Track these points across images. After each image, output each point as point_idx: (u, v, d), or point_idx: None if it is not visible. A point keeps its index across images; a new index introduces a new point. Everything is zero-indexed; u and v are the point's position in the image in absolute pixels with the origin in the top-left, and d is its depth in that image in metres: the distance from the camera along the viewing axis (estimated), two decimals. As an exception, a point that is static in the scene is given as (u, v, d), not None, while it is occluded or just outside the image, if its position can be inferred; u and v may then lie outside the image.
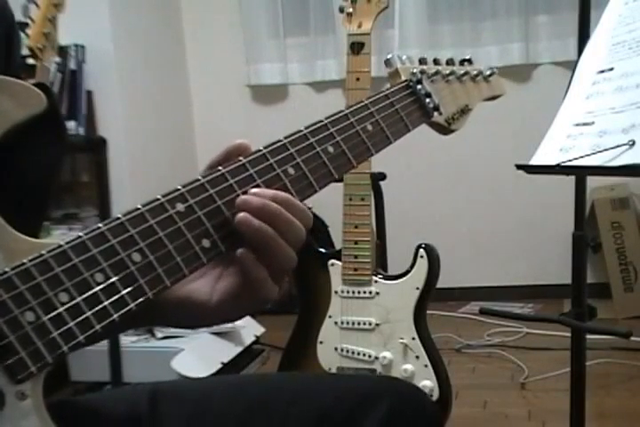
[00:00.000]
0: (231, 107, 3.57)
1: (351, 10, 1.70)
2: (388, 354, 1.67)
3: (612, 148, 0.89)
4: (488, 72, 0.95)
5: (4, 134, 0.59)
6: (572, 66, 1.12)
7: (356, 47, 1.69)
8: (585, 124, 0.99)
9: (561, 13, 3.20)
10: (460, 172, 3.40)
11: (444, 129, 0.88)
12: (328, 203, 1.41)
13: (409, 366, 1.65)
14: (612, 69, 1.02)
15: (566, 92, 1.08)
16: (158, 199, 0.61)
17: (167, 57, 3.47)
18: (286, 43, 3.45)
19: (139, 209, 0.60)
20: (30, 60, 1.76)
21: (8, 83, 0.60)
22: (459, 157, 3.33)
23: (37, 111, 0.60)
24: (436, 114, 0.85)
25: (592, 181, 1.95)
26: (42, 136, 0.67)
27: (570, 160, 0.94)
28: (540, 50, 3.27)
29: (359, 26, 1.69)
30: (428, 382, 1.63)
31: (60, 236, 2.45)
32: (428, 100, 0.84)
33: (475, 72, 0.93)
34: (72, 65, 2.66)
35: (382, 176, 1.99)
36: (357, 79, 1.67)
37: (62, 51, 2.53)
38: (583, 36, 1.40)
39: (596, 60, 1.06)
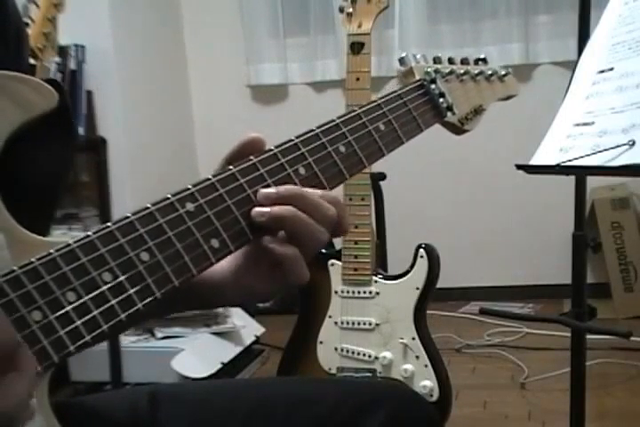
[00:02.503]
0: (231, 107, 3.57)
1: (351, 10, 1.70)
2: (388, 354, 1.67)
3: (612, 148, 0.89)
4: (503, 72, 0.94)
5: (17, 129, 0.59)
6: (572, 66, 1.12)
7: (356, 47, 1.69)
8: (585, 124, 0.99)
9: (561, 13, 3.20)
10: (460, 172, 3.40)
11: (458, 129, 0.87)
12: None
13: (409, 366, 1.65)
14: (612, 69, 1.02)
15: (566, 92, 1.08)
16: (168, 198, 0.61)
17: (167, 57, 3.47)
18: (286, 43, 3.45)
19: (148, 208, 0.60)
20: (30, 60, 1.76)
21: (22, 78, 0.60)
22: (459, 157, 3.33)
23: (50, 107, 0.60)
24: (449, 114, 0.85)
25: (592, 181, 1.95)
26: (52, 133, 0.67)
27: (570, 160, 0.94)
28: (539, 50, 3.27)
29: (359, 26, 1.69)
30: (428, 382, 1.63)
31: (59, 236, 2.45)
32: (441, 99, 0.84)
33: (489, 72, 0.92)
34: (72, 65, 2.66)
35: (382, 176, 1.99)
36: (357, 79, 1.67)
37: (62, 51, 2.53)
38: (583, 36, 1.40)
39: (596, 60, 1.06)
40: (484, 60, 0.93)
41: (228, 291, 0.68)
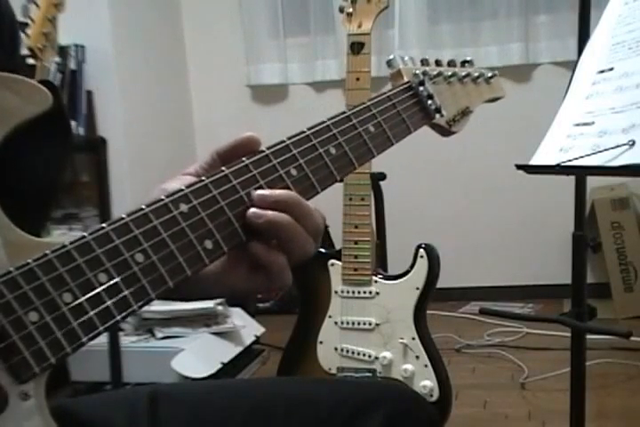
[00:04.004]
0: (231, 107, 3.57)
1: (351, 10, 1.70)
2: (388, 354, 1.67)
3: (612, 148, 0.89)
4: (489, 74, 0.94)
5: (10, 132, 0.59)
6: (572, 66, 1.12)
7: (356, 47, 1.69)
8: (585, 124, 0.99)
9: (561, 13, 3.20)
10: (460, 172, 3.40)
11: (445, 131, 0.88)
12: (328, 203, 1.41)
13: (409, 366, 1.65)
14: (611, 69, 1.02)
15: (566, 92, 1.08)
16: (162, 200, 0.61)
17: (167, 57, 3.47)
18: (286, 43, 3.45)
19: (143, 209, 0.60)
20: (30, 60, 1.76)
21: (14, 80, 0.60)
22: (459, 157, 3.33)
23: (43, 109, 0.60)
24: (437, 116, 0.85)
25: (592, 181, 1.95)
26: (47, 135, 0.67)
27: (570, 160, 0.94)
28: (539, 50, 3.27)
29: (359, 26, 1.69)
30: (428, 382, 1.63)
31: (59, 236, 2.45)
32: (430, 101, 0.84)
33: (476, 74, 0.92)
34: (72, 65, 2.66)
35: (382, 176, 1.99)
36: (357, 79, 1.67)
37: (62, 51, 2.54)
38: (583, 36, 1.40)
39: (596, 60, 1.06)
40: (470, 62, 0.94)
41: (210, 286, 0.68)
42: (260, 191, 0.65)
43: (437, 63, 0.90)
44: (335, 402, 0.82)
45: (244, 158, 0.66)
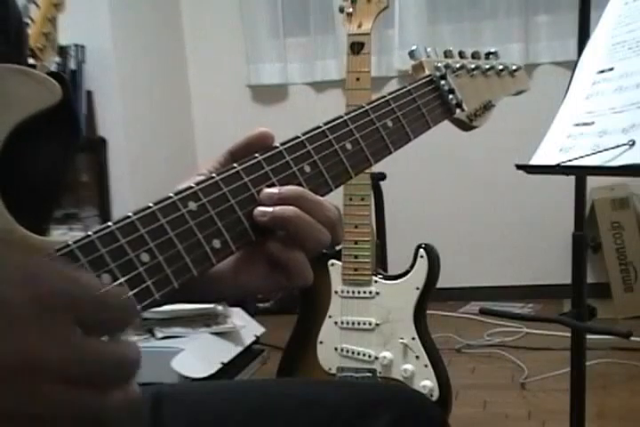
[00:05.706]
0: (231, 107, 3.57)
1: (351, 10, 1.70)
2: (388, 354, 1.67)
3: (612, 148, 0.89)
4: (514, 67, 0.92)
5: (18, 125, 0.58)
6: (572, 66, 1.12)
7: (356, 47, 1.69)
8: (585, 124, 0.99)
9: (561, 13, 3.20)
10: (460, 172, 3.40)
11: (466, 126, 0.85)
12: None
13: (409, 366, 1.65)
14: (611, 69, 1.02)
15: (566, 92, 1.08)
16: (171, 197, 0.59)
17: (167, 57, 3.47)
18: (286, 43, 3.45)
19: (150, 207, 0.58)
20: (30, 60, 1.76)
21: (24, 72, 0.59)
22: (459, 156, 3.33)
23: (52, 102, 0.59)
24: (458, 111, 0.82)
25: (592, 181, 1.95)
26: (54, 130, 0.66)
27: (570, 160, 0.94)
28: (539, 50, 3.27)
29: (359, 26, 1.69)
30: (428, 382, 1.63)
31: (60, 236, 2.45)
32: (451, 96, 0.81)
33: (500, 67, 0.90)
34: (72, 65, 2.66)
35: (382, 176, 1.99)
36: (357, 79, 1.67)
37: (62, 51, 2.54)
38: (583, 36, 1.40)
39: (596, 60, 1.06)
40: (495, 54, 0.92)
41: (225, 287, 0.67)
42: (267, 190, 0.63)
43: (461, 55, 0.88)
44: (338, 404, 0.81)
45: (256, 154, 0.64)
